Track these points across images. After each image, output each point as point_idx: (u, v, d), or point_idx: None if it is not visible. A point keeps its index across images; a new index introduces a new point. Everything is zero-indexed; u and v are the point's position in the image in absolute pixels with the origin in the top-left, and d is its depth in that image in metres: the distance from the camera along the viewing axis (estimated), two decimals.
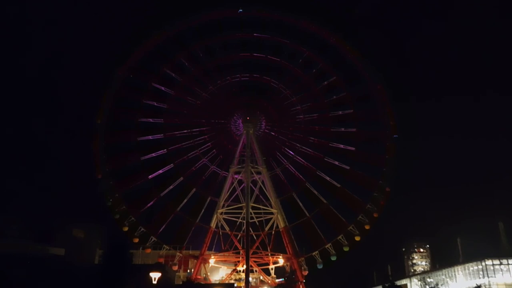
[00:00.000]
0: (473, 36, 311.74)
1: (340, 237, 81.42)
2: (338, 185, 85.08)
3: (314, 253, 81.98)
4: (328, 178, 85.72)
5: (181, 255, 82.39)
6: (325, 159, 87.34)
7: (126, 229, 79.89)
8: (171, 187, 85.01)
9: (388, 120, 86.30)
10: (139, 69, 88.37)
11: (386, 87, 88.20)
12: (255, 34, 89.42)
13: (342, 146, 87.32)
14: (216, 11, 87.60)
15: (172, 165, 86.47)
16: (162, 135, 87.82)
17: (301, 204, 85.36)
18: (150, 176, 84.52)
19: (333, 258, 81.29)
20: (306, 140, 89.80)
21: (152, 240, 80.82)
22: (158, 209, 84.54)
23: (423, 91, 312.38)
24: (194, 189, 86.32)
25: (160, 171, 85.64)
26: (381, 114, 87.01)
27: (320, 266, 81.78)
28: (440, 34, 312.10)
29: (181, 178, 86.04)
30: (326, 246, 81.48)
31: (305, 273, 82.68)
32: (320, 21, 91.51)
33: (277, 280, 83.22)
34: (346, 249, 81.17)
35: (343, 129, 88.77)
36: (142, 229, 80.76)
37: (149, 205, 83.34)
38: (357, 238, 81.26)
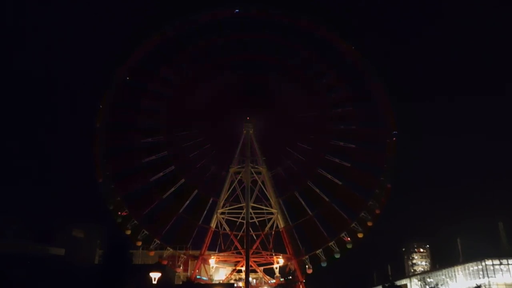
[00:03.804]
0: (473, 36, 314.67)
1: (343, 234, 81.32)
2: (340, 183, 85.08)
3: (317, 251, 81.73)
4: (329, 176, 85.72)
5: (185, 256, 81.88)
6: (326, 157, 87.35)
7: (129, 232, 79.13)
8: (172, 189, 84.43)
9: (388, 117, 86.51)
10: (139, 69, 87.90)
11: (385, 85, 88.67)
12: (254, 34, 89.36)
13: (342, 144, 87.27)
14: (216, 11, 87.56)
15: (173, 166, 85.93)
16: (162, 137, 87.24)
17: (303, 203, 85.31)
18: (151, 179, 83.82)
19: (337, 256, 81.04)
20: (306, 139, 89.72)
21: (156, 242, 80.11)
22: (160, 211, 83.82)
23: (423, 91, 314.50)
24: (196, 191, 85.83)
25: (161, 173, 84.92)
26: (380, 112, 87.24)
27: (324, 264, 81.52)
28: (440, 34, 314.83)
29: (183, 180, 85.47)
30: (330, 244, 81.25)
31: (310, 271, 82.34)
32: (320, 20, 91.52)
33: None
34: (349, 246, 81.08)
35: (342, 127, 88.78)
36: (145, 231, 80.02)
37: (151, 207, 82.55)
38: (360, 235, 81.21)
